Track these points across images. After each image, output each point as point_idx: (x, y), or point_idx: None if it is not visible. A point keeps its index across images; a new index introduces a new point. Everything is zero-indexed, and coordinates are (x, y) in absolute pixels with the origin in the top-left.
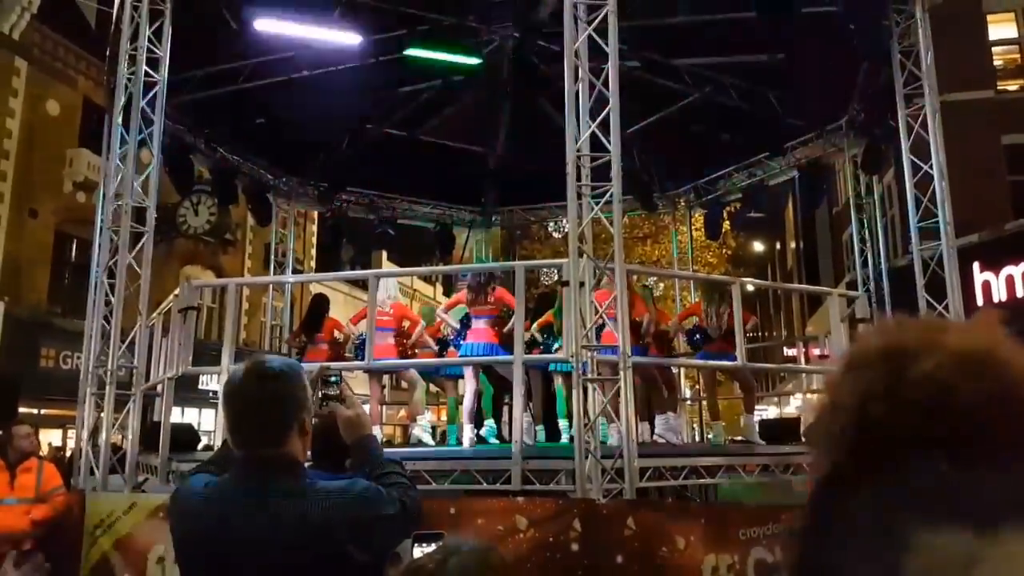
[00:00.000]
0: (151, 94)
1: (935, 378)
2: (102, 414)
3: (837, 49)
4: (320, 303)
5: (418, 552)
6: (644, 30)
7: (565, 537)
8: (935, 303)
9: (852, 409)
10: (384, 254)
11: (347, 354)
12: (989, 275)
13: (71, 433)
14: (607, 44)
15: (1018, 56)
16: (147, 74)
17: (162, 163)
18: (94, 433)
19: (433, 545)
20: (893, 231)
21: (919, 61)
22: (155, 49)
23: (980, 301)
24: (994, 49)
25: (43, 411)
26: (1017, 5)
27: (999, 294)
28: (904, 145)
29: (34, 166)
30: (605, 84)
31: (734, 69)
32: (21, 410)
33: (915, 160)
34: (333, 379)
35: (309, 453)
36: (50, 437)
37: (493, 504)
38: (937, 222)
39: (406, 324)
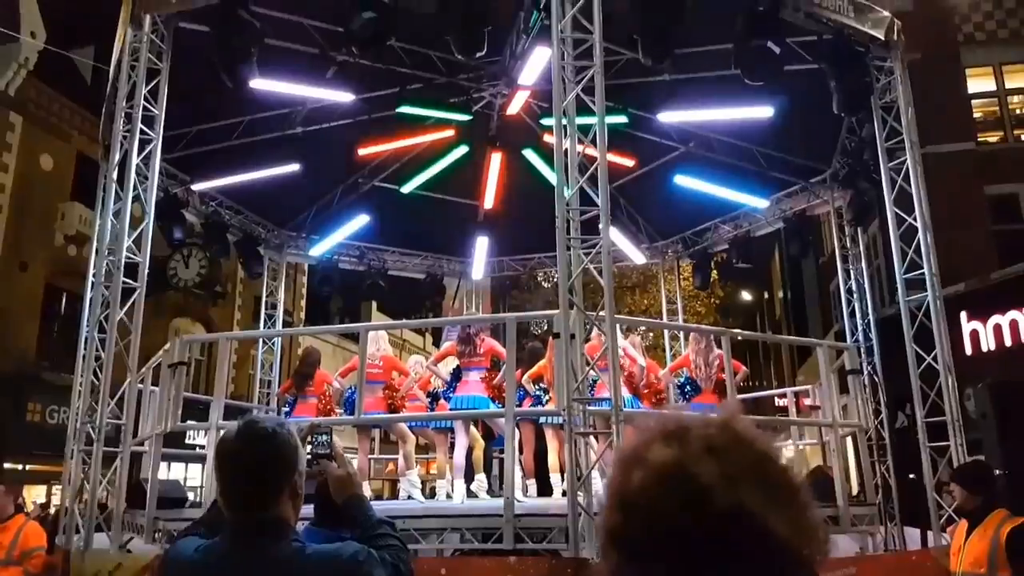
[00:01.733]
0: (146, 151)
1: (641, 491)
2: (89, 470)
3: (820, 104)
4: (311, 356)
5: None
6: (631, 87)
7: None
8: (923, 353)
9: (603, 511)
10: (374, 305)
11: (336, 408)
12: (977, 324)
13: (56, 489)
14: (594, 103)
15: (997, 109)
16: (142, 132)
17: (154, 217)
18: (80, 491)
19: None
20: (880, 281)
21: (900, 116)
22: (151, 107)
23: (969, 350)
24: (973, 102)
25: (28, 467)
26: (994, 60)
27: (987, 343)
28: (888, 198)
29: (26, 219)
30: (593, 141)
31: (719, 124)
32: (6, 466)
33: (899, 212)
34: (323, 437)
35: (313, 510)
36: (35, 493)
37: (484, 564)
38: (923, 273)
39: (396, 376)
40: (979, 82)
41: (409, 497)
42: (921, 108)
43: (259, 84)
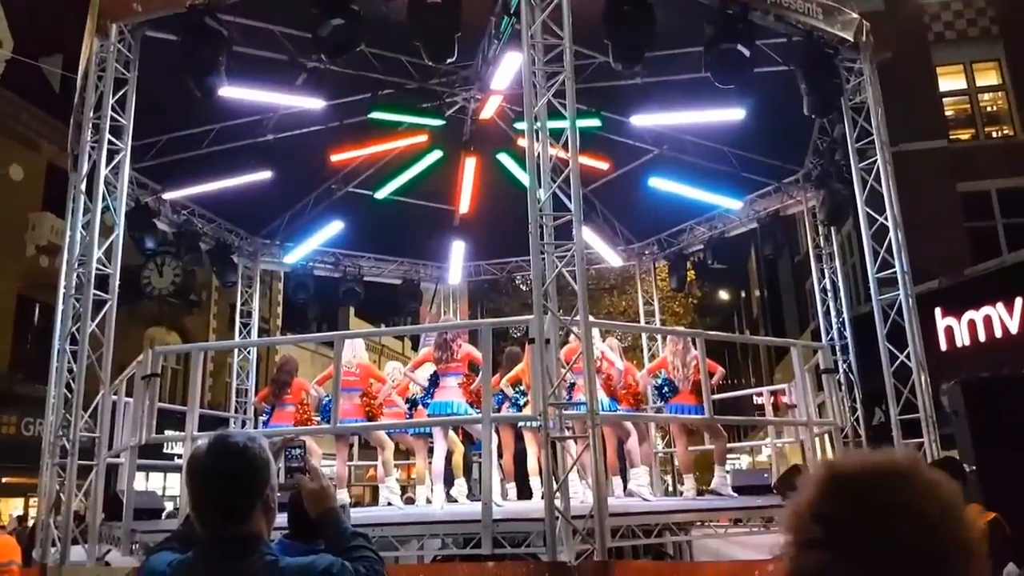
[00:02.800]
0: (114, 162)
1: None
2: (64, 483)
3: (792, 106)
4: (288, 365)
5: None
6: (603, 90)
7: None
8: (896, 351)
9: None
10: (352, 311)
11: (314, 416)
12: (951, 320)
13: (33, 502)
14: (566, 108)
15: (968, 106)
16: (110, 142)
17: (125, 227)
18: (55, 504)
19: None
20: (855, 279)
21: (870, 117)
22: (119, 117)
23: (943, 346)
24: (945, 100)
25: (4, 479)
26: (965, 58)
27: (962, 339)
28: (859, 198)
29: None
30: (565, 145)
31: (692, 126)
32: None
33: (870, 212)
34: (297, 451)
35: (287, 522)
36: (12, 506)
37: (463, 569)
38: (895, 271)
39: (374, 384)
40: (950, 80)
41: (388, 503)
42: (893, 107)
43: (228, 92)
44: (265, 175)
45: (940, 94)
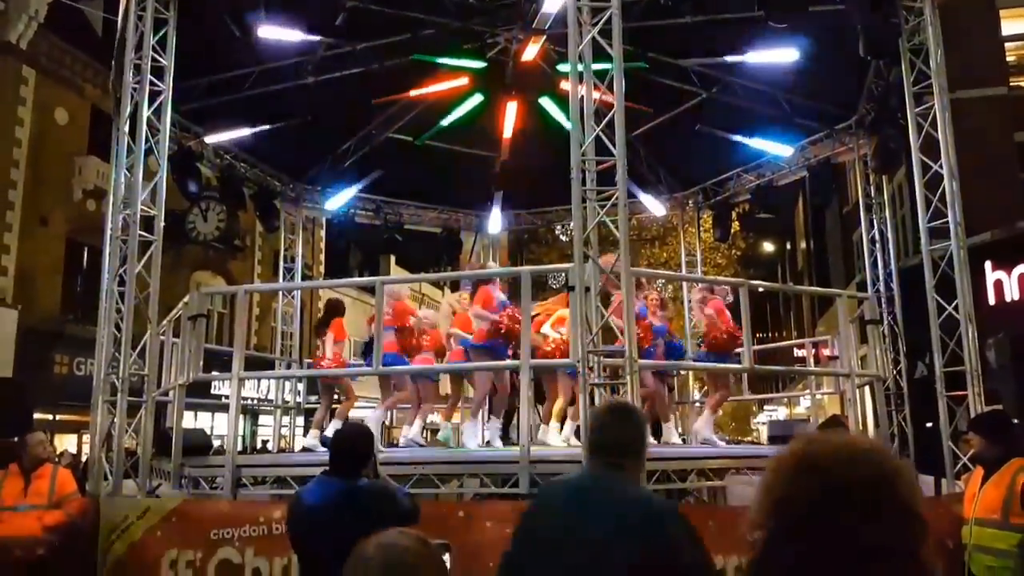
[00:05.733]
0: (157, 103)
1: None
2: (115, 419)
3: (846, 47)
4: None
5: None
6: (650, 31)
7: None
8: (944, 304)
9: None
10: (392, 259)
11: (354, 357)
12: (1001, 274)
13: (86, 438)
14: (611, 47)
15: None
16: (152, 83)
17: (169, 171)
18: (107, 439)
19: None
20: (904, 231)
21: (928, 59)
22: (160, 58)
23: (992, 300)
24: (1007, 45)
25: (58, 417)
26: None
27: (1011, 293)
28: (914, 144)
29: (44, 174)
30: (610, 87)
31: (741, 68)
32: (36, 416)
33: (925, 160)
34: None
35: (330, 461)
36: (66, 442)
37: (501, 507)
38: (947, 221)
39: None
40: (1014, 24)
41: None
42: (952, 51)
43: (268, 32)
44: (306, 119)
45: (1002, 38)
